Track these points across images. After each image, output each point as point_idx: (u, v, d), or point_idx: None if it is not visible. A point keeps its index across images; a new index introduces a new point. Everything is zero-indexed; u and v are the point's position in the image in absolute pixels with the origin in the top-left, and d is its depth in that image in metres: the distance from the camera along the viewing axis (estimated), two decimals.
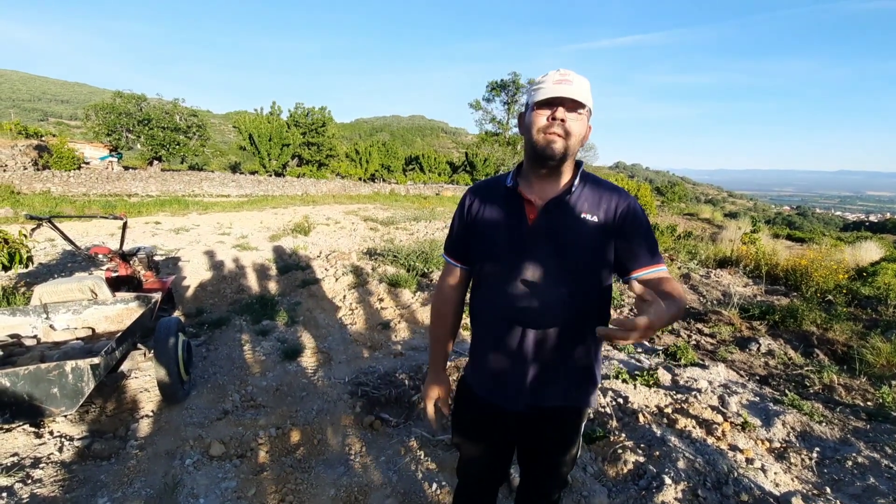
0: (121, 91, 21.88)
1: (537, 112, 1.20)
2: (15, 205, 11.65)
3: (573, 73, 1.20)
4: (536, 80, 1.25)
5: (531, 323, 1.26)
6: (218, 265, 6.58)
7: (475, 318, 1.42)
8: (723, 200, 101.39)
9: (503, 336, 1.31)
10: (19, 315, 3.01)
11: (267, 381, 3.38)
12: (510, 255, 1.27)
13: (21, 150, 16.27)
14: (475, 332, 1.43)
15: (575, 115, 1.19)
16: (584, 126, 1.22)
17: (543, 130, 1.19)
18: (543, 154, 1.21)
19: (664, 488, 2.10)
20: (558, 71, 1.21)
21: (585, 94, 1.19)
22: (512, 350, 1.30)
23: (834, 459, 2.49)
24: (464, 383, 1.47)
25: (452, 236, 1.46)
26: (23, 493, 2.11)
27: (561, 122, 1.17)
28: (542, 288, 1.24)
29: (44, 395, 2.08)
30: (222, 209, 13.95)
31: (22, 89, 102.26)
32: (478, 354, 1.41)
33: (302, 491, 2.24)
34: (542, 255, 1.24)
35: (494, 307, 1.32)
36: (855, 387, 3.61)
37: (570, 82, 1.18)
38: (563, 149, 1.19)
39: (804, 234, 17.39)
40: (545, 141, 1.19)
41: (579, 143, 1.22)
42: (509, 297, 1.27)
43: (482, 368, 1.38)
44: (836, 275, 6.66)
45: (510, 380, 1.32)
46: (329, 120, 28.44)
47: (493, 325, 1.33)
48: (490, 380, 1.36)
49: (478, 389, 1.40)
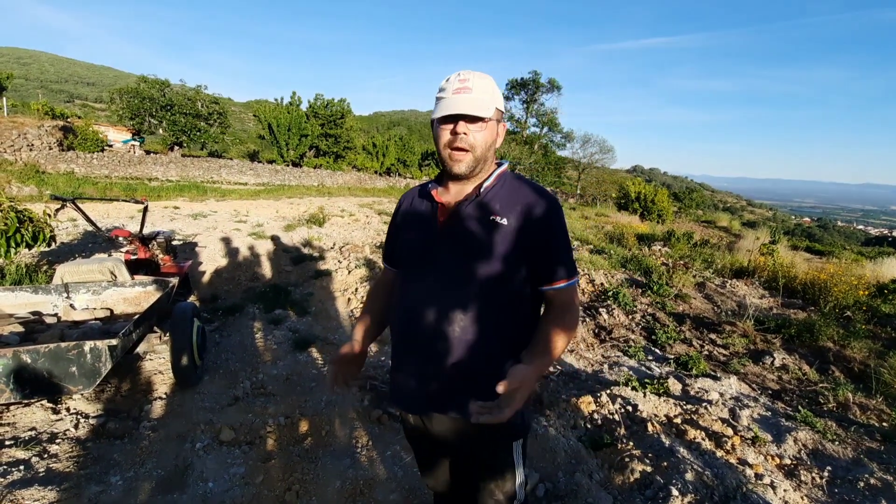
0: (145, 76, 22.24)
1: (441, 127, 1.16)
2: (39, 184, 11.94)
3: (474, 75, 1.15)
4: (439, 87, 1.20)
5: (429, 327, 1.21)
6: (233, 252, 6.67)
7: (391, 330, 1.38)
8: (741, 209, 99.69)
9: (405, 339, 1.29)
10: (41, 293, 3.08)
11: (278, 369, 3.42)
12: (420, 259, 1.25)
13: (47, 131, 16.64)
14: (392, 347, 1.38)
15: (478, 126, 1.14)
16: (490, 133, 1.17)
17: (448, 146, 1.16)
18: (451, 172, 1.19)
19: (671, 500, 2.09)
20: (458, 76, 1.16)
21: (486, 99, 1.14)
22: (411, 354, 1.28)
23: (845, 480, 2.44)
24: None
25: (387, 243, 1.46)
26: (39, 467, 2.18)
27: (464, 135, 1.13)
28: (443, 293, 1.20)
29: (63, 373, 2.14)
30: (239, 197, 14.12)
31: (50, 70, 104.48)
32: (392, 361, 1.38)
33: (308, 481, 2.27)
34: (447, 260, 1.20)
35: (400, 309, 1.30)
36: (871, 406, 3.53)
37: (468, 90, 1.13)
38: (469, 165, 1.16)
39: (824, 246, 17.02)
40: (451, 160, 1.17)
41: (489, 150, 1.19)
42: (413, 300, 1.25)
43: (393, 375, 1.36)
44: (856, 290, 6.51)
45: (410, 384, 1.28)
46: (348, 112, 28.53)
47: (399, 328, 1.31)
48: (397, 386, 1.34)
49: (391, 396, 1.41)
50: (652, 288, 6.38)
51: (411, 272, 1.28)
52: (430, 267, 1.22)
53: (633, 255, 8.65)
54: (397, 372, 1.34)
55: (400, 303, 1.31)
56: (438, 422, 1.30)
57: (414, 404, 1.32)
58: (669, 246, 10.60)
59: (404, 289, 1.30)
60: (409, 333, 1.28)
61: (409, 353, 1.29)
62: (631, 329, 5.09)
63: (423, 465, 1.51)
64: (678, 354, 4.29)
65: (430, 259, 1.22)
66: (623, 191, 23.17)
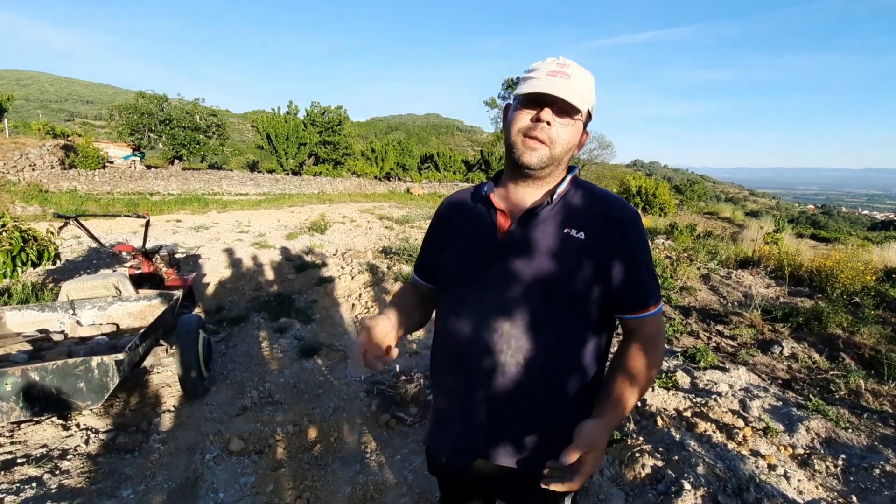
0: (143, 91, 22.37)
1: (521, 110, 0.99)
2: (43, 203, 12.02)
3: (575, 64, 0.98)
4: (530, 67, 1.01)
5: (483, 360, 1.02)
6: (236, 263, 6.69)
7: (432, 361, 1.19)
8: (744, 199, 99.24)
9: (451, 372, 1.09)
10: (48, 311, 3.10)
11: (284, 377, 3.42)
12: (473, 274, 1.05)
13: (49, 150, 16.76)
14: (432, 381, 1.21)
15: (566, 121, 0.97)
16: (575, 134, 1.00)
17: (524, 132, 0.98)
18: (519, 162, 1.00)
19: (683, 493, 2.07)
20: (557, 59, 0.99)
21: (584, 93, 0.97)
22: (458, 390, 1.08)
23: (860, 467, 2.42)
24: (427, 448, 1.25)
25: (423, 253, 1.24)
26: (51, 484, 2.18)
27: (546, 124, 0.96)
28: (503, 318, 1.00)
29: (71, 389, 2.15)
30: (241, 207, 14.17)
31: (50, 90, 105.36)
32: (433, 406, 1.19)
33: (318, 488, 2.27)
34: (507, 276, 1.01)
35: (444, 336, 1.10)
36: (883, 392, 3.50)
37: (566, 76, 0.96)
38: (542, 160, 0.98)
39: (829, 233, 16.92)
40: (523, 147, 0.98)
41: (567, 154, 1.01)
42: (463, 325, 1.05)
43: (434, 421, 1.18)
44: (864, 276, 6.46)
45: (456, 428, 1.10)
46: (345, 119, 28.63)
47: (444, 360, 1.12)
48: (440, 433, 1.15)
49: (433, 445, 1.18)
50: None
51: (460, 290, 1.07)
52: (486, 285, 1.03)
53: None
54: (441, 409, 1.14)
55: (444, 327, 1.10)
56: (481, 464, 1.10)
57: (460, 454, 1.10)
58: (672, 239, 10.56)
59: (450, 310, 1.09)
60: (457, 364, 1.07)
61: (456, 389, 1.09)
62: None
63: (449, 497, 1.33)
64: (685, 347, 4.27)
65: (487, 275, 1.03)
66: (624, 186, 23.12)
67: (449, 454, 1.13)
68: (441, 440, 1.15)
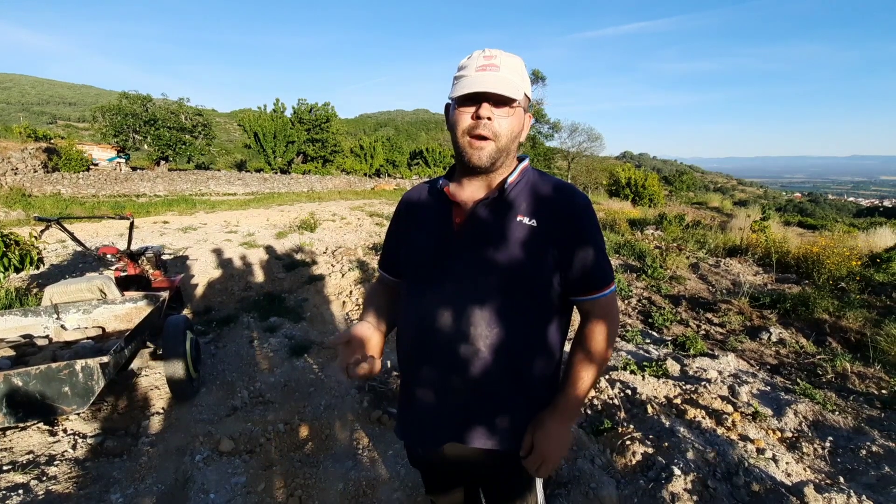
0: (126, 92, 22.05)
1: (459, 111, 1.00)
2: (26, 207, 11.82)
3: (501, 53, 0.99)
4: (459, 65, 1.02)
5: (447, 346, 1.05)
6: (225, 263, 6.63)
7: (398, 353, 1.22)
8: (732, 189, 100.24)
9: (417, 362, 1.12)
10: (31, 316, 3.05)
11: (275, 377, 3.40)
12: (431, 266, 1.08)
13: (31, 153, 16.47)
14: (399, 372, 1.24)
15: (505, 111, 0.98)
16: (517, 121, 1.02)
17: (469, 132, 1.00)
18: (469, 164, 1.03)
19: (673, 479, 2.09)
20: (483, 52, 1.00)
21: (516, 80, 0.98)
22: (425, 378, 1.11)
23: (847, 449, 2.46)
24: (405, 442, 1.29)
25: (386, 248, 1.28)
26: (38, 490, 2.15)
27: (488, 120, 0.97)
28: (463, 306, 1.03)
29: (56, 393, 2.11)
30: (229, 207, 14.04)
31: (31, 93, 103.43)
32: (399, 397, 1.23)
33: (311, 485, 2.26)
34: (466, 267, 1.04)
35: (408, 327, 1.13)
36: (869, 375, 3.56)
37: (496, 68, 0.97)
38: (491, 156, 1.00)
39: (816, 220, 17.15)
40: (471, 148, 1.00)
41: (513, 142, 1.03)
42: (425, 315, 1.07)
43: (401, 403, 1.22)
44: (849, 261, 6.56)
45: (427, 419, 1.13)
46: (333, 115, 28.44)
47: (408, 348, 1.15)
48: (407, 418, 1.19)
49: (403, 436, 1.22)
50: (646, 272, 6.40)
51: (421, 282, 1.10)
52: (444, 276, 1.06)
53: (626, 240, 8.67)
54: (409, 400, 1.17)
55: (406, 318, 1.14)
56: (453, 448, 1.14)
57: (427, 439, 1.15)
58: (662, 229, 10.64)
59: (413, 302, 1.12)
60: (422, 354, 1.11)
61: (422, 378, 1.12)
62: (627, 314, 5.11)
63: (432, 487, 1.38)
64: (675, 335, 4.31)
65: (446, 267, 1.06)
66: (613, 177, 23.25)
67: (419, 442, 1.18)
68: (410, 429, 1.19)
